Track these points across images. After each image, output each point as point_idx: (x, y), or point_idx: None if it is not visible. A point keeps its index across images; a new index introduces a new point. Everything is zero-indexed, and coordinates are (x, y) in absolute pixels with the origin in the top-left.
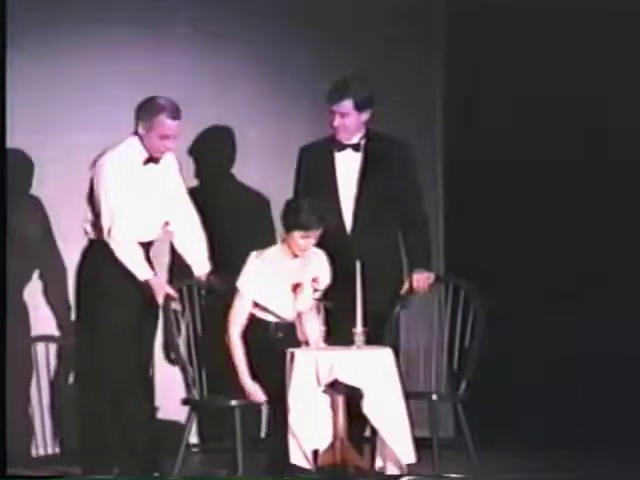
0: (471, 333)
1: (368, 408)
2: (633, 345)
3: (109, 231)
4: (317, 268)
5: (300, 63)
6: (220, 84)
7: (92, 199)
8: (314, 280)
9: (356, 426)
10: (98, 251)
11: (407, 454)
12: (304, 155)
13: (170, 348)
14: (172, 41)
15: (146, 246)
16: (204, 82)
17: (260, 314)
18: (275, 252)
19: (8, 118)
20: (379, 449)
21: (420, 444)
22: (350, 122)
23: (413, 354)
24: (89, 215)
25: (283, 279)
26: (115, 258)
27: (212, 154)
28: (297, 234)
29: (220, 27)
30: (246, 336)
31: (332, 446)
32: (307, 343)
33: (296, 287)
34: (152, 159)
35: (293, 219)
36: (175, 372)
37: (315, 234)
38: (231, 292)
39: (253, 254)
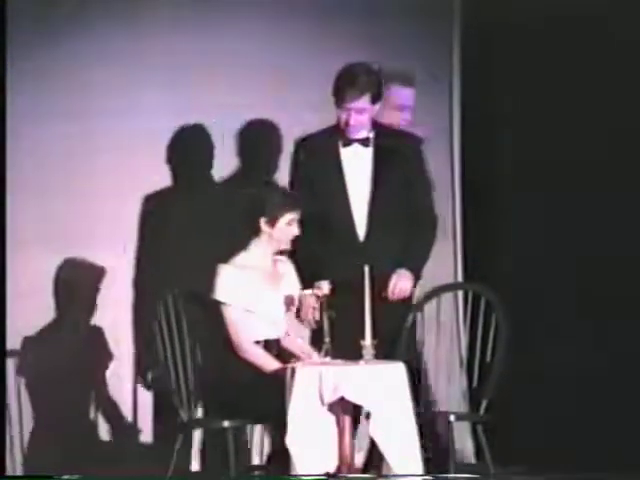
0: (493, 346)
1: (375, 430)
2: None
3: None
4: (289, 281)
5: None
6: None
7: None
8: (290, 301)
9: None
10: None
11: None
12: (303, 150)
13: (157, 365)
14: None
15: None
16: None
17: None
18: (245, 258)
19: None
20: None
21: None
22: (365, 118)
23: (429, 369)
24: None
25: (263, 287)
26: None
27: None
28: (283, 221)
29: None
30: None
31: (338, 471)
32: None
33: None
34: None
35: (273, 204)
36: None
37: (297, 218)
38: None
39: (221, 265)
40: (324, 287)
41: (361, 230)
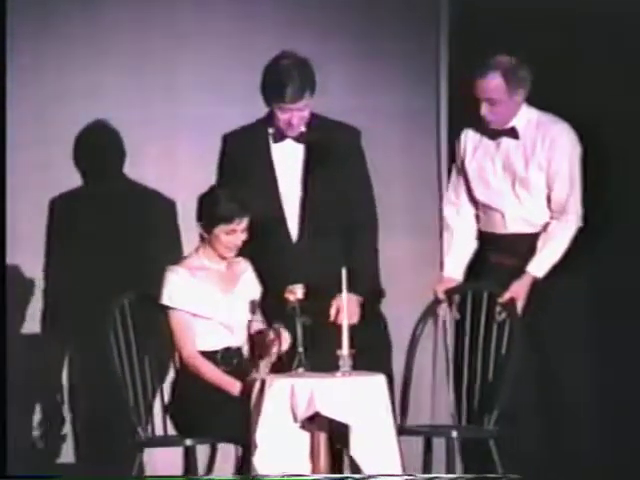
0: (496, 350)
1: (355, 448)
2: None
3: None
4: (247, 283)
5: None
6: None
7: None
8: (253, 306)
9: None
10: None
11: None
12: (230, 145)
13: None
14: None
15: None
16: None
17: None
18: (196, 260)
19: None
20: None
21: None
22: (307, 113)
23: (417, 379)
24: None
25: (217, 290)
26: None
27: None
28: (220, 231)
29: None
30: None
31: None
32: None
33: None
34: None
35: (211, 213)
36: None
37: (241, 227)
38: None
39: (170, 267)
40: (297, 291)
41: (294, 231)
